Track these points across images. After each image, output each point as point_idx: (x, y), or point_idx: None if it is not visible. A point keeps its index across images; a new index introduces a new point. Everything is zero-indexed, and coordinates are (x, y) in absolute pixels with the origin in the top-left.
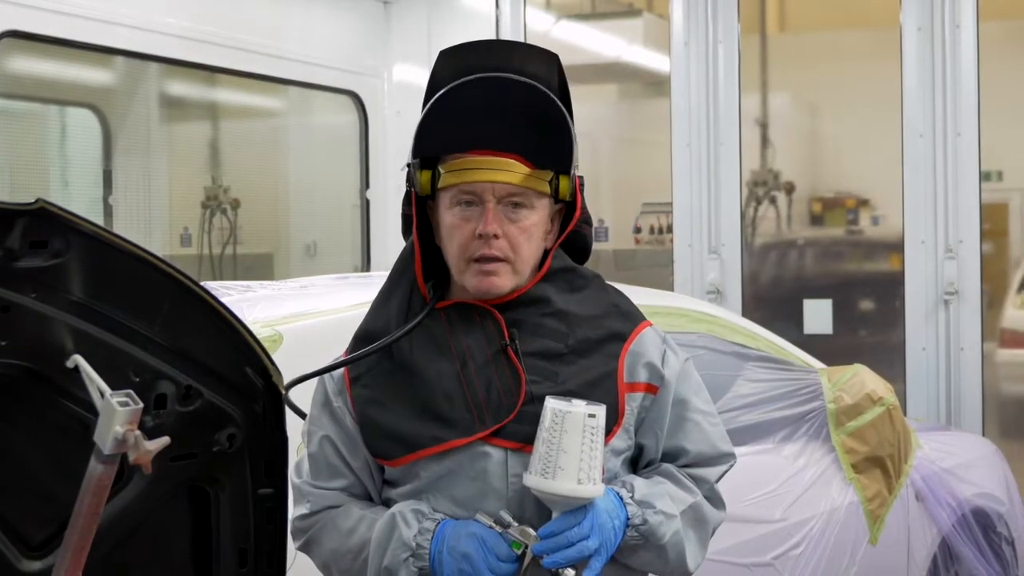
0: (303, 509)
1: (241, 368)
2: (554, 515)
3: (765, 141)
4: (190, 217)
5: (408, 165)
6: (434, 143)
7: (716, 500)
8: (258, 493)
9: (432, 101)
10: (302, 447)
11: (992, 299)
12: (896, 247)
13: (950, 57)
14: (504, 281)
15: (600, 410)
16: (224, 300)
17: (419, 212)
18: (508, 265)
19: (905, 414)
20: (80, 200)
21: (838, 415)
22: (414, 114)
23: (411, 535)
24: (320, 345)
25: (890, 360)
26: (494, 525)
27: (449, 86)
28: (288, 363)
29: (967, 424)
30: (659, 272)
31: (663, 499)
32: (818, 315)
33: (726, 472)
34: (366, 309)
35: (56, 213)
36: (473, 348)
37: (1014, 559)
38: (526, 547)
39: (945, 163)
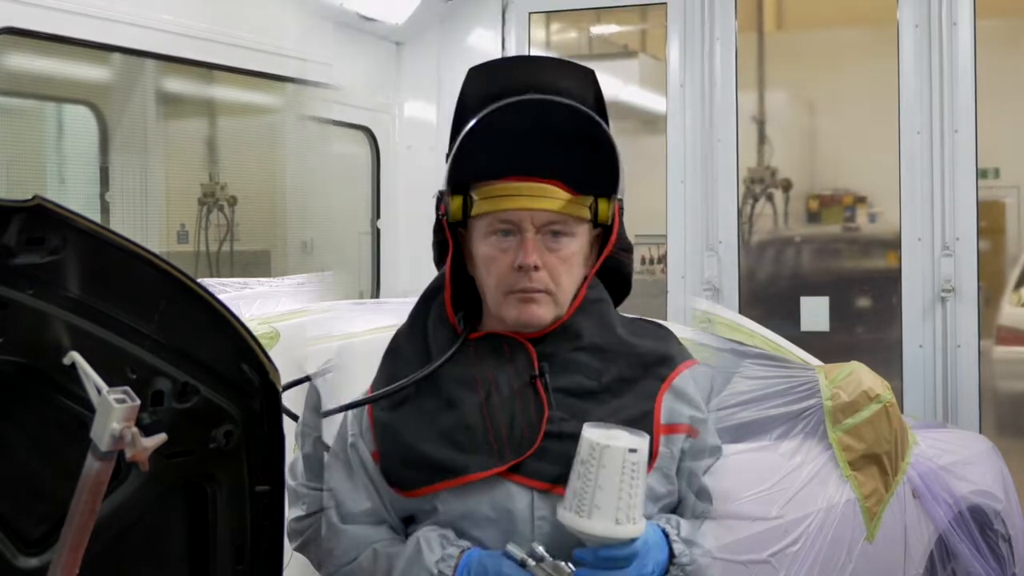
0: (299, 511)
1: (238, 365)
2: None
3: (762, 138)
4: (187, 214)
5: (440, 193)
6: (469, 169)
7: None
8: (255, 490)
9: (468, 127)
10: (296, 448)
11: (989, 296)
12: (893, 244)
13: (947, 54)
14: (545, 312)
15: (643, 443)
16: (221, 297)
17: (453, 236)
18: (549, 296)
19: (902, 411)
20: (77, 197)
21: (835, 412)
22: (423, 149)
23: (433, 560)
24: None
25: (887, 357)
26: (526, 558)
27: (485, 111)
28: (284, 360)
29: (964, 421)
30: (650, 302)
31: (708, 538)
32: (815, 312)
33: (712, 465)
34: (380, 333)
35: (53, 210)
36: (499, 380)
37: (1010, 556)
38: None
39: (942, 160)
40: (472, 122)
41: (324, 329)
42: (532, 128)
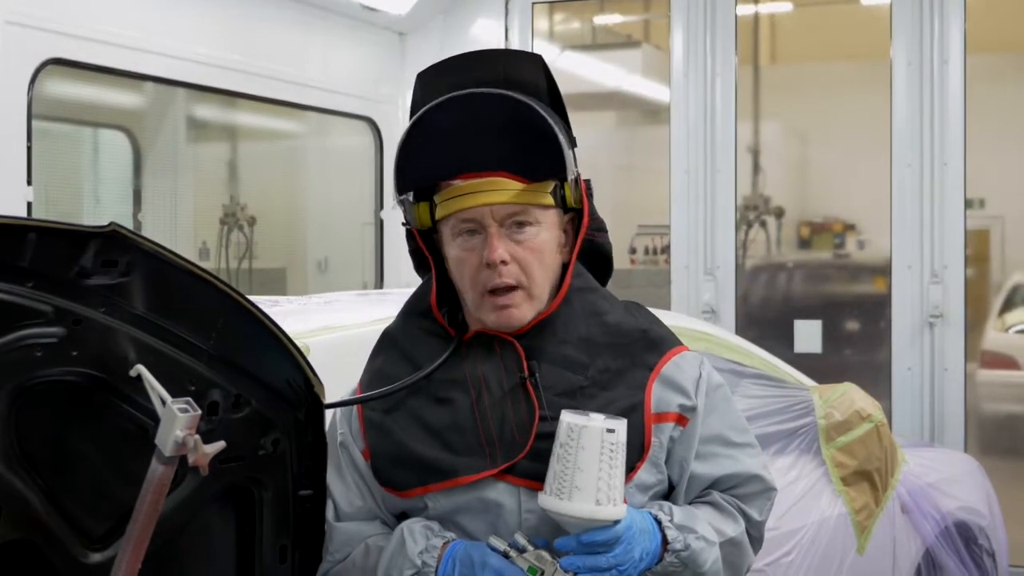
0: None
1: (286, 379)
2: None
3: (756, 167)
4: (209, 233)
5: (400, 201)
6: (417, 174)
7: (757, 540)
8: (298, 494)
9: (406, 131)
10: None
11: (974, 322)
12: (880, 270)
13: (938, 92)
14: (523, 312)
15: (620, 425)
16: None
17: (430, 242)
18: (523, 292)
19: (891, 431)
20: (111, 216)
21: (828, 431)
22: None
23: (416, 551)
24: (345, 357)
25: (876, 379)
26: (508, 549)
27: (419, 113)
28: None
29: (950, 441)
30: (654, 292)
31: (702, 524)
32: (808, 335)
33: (770, 507)
34: (383, 324)
35: (125, 235)
36: (490, 380)
37: (994, 570)
38: (542, 573)
39: (932, 192)
40: (407, 128)
41: (326, 320)
42: (474, 123)
